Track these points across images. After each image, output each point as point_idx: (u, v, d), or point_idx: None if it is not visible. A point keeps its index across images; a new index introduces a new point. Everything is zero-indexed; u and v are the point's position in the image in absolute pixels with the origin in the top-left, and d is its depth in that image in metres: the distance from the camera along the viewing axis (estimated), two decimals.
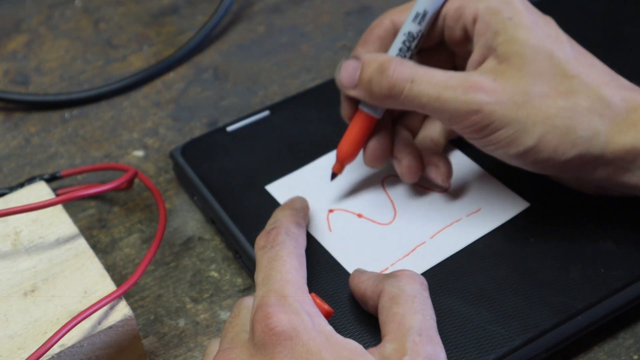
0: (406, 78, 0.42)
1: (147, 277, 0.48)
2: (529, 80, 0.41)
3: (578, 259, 0.44)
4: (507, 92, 0.41)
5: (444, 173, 0.47)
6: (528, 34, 0.42)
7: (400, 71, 0.42)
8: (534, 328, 0.41)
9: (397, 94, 0.43)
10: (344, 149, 0.47)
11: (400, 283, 0.39)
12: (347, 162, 0.47)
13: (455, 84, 0.42)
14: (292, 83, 0.60)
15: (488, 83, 0.41)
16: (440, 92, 0.42)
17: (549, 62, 0.42)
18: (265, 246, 0.41)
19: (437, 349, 0.37)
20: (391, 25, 0.46)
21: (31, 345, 0.39)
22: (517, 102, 0.41)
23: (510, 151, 0.42)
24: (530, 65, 0.41)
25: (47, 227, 0.45)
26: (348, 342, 0.36)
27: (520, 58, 0.42)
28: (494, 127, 0.41)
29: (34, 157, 0.55)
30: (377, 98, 0.44)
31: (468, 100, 0.41)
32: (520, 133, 0.41)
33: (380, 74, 0.43)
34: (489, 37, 0.43)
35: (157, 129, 0.57)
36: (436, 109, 0.42)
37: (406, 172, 0.47)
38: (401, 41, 0.45)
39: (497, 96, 0.41)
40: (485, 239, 0.46)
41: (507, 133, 0.41)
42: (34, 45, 0.64)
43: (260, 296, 0.38)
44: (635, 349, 0.44)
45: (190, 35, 0.63)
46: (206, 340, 0.45)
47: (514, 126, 0.41)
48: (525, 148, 0.41)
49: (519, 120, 0.41)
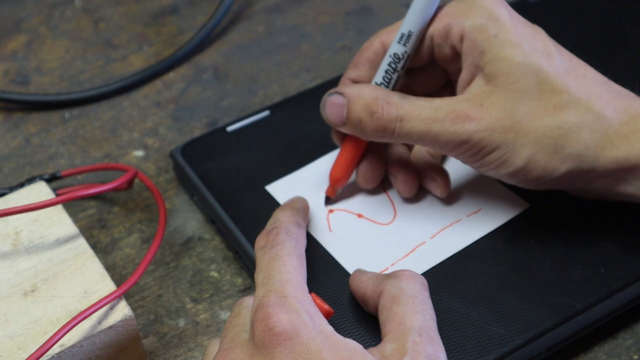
0: (394, 119, 0.43)
1: (147, 277, 0.48)
2: (516, 99, 0.42)
3: (578, 259, 0.44)
4: (494, 117, 0.42)
5: (442, 185, 0.47)
6: (514, 51, 0.42)
7: (388, 112, 0.43)
8: (534, 328, 0.41)
9: (389, 134, 0.43)
10: (335, 173, 0.47)
11: (400, 283, 0.39)
12: (339, 186, 0.48)
13: (442, 116, 0.42)
14: (292, 83, 0.60)
15: (475, 111, 0.42)
16: (429, 127, 0.42)
17: (536, 78, 0.42)
18: (265, 246, 0.41)
19: (438, 349, 0.37)
20: (380, 47, 0.47)
21: (31, 345, 0.39)
22: (504, 126, 0.41)
23: (500, 172, 0.43)
24: (517, 83, 0.42)
25: (47, 227, 0.45)
26: (348, 342, 0.36)
27: (507, 77, 0.42)
28: (485, 151, 0.42)
29: (34, 157, 0.55)
30: (369, 136, 0.44)
31: (457, 132, 0.42)
32: (510, 155, 0.42)
33: (370, 116, 0.43)
34: (476, 57, 0.43)
35: (157, 129, 0.57)
36: (427, 142, 0.43)
37: (402, 187, 0.47)
38: (387, 63, 0.45)
39: (484, 123, 0.42)
40: (485, 239, 0.46)
41: (497, 156, 0.42)
42: (34, 45, 0.64)
43: (260, 296, 0.38)
44: (635, 349, 0.44)
45: (190, 35, 0.63)
46: (206, 340, 0.45)
47: (503, 149, 0.42)
48: (515, 169, 0.42)
49: (507, 143, 0.41)
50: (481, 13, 0.43)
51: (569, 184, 0.43)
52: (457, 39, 0.44)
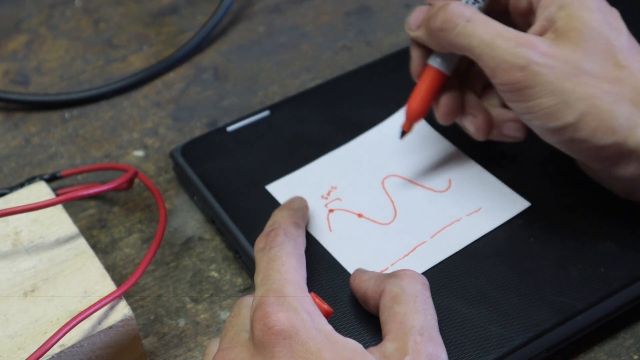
0: (463, 15, 0.43)
1: (147, 277, 0.48)
2: (582, 56, 0.41)
3: (578, 259, 0.44)
4: (558, 59, 0.41)
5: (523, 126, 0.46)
6: (591, 15, 0.42)
7: (459, 8, 0.43)
8: (534, 328, 0.41)
9: (450, 28, 0.43)
10: (413, 105, 0.46)
11: (402, 283, 0.39)
12: (416, 119, 0.47)
13: (510, 35, 0.42)
14: (292, 83, 0.60)
15: (542, 46, 0.41)
16: (493, 38, 0.42)
17: (605, 46, 0.42)
18: (264, 248, 0.41)
19: (439, 348, 0.37)
20: None
21: (31, 345, 0.39)
22: (565, 72, 0.41)
23: (548, 124, 0.41)
24: (587, 43, 0.41)
25: (47, 227, 0.45)
26: (348, 342, 0.36)
27: (579, 35, 0.42)
28: (537, 92, 0.41)
29: (34, 157, 0.55)
30: (432, 32, 0.44)
31: (518, 54, 0.41)
32: (563, 105, 0.41)
33: (442, 9, 0.43)
34: (553, 10, 0.43)
35: (157, 129, 0.57)
36: (484, 54, 0.42)
37: (483, 127, 0.46)
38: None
39: (547, 59, 0.41)
40: (486, 238, 0.46)
41: (548, 103, 0.41)
42: (34, 45, 0.64)
43: (260, 296, 0.38)
44: (635, 349, 0.44)
45: (190, 35, 0.63)
46: (206, 340, 0.45)
47: (557, 97, 0.41)
48: (565, 123, 0.41)
49: (563, 92, 0.41)
50: None
51: (605, 162, 0.42)
52: None
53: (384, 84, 0.55)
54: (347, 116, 0.53)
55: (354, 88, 0.55)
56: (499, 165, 0.49)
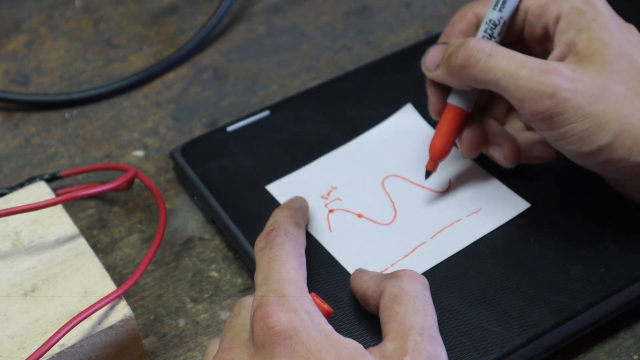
0: (484, 50, 0.42)
1: (147, 277, 0.48)
2: (607, 78, 0.41)
3: (578, 259, 0.44)
4: (585, 83, 0.40)
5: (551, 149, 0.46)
6: (611, 35, 0.42)
7: (480, 43, 0.42)
8: (534, 328, 0.41)
9: (473, 64, 0.42)
10: (437, 146, 0.46)
11: (402, 283, 0.39)
12: (441, 159, 0.47)
13: (534, 64, 0.41)
14: (292, 83, 0.60)
15: (567, 71, 0.41)
16: (517, 68, 0.41)
17: (629, 64, 0.41)
18: (264, 247, 0.41)
19: (438, 349, 0.37)
20: (474, 18, 0.46)
21: (31, 345, 0.39)
22: (594, 95, 0.40)
23: (582, 148, 0.41)
24: (611, 65, 0.41)
25: (47, 227, 0.45)
26: (348, 342, 0.36)
27: (601, 57, 0.41)
28: (567, 118, 0.40)
29: (34, 157, 0.55)
30: (454, 70, 0.43)
31: (544, 82, 0.40)
32: (595, 128, 0.40)
33: (461, 46, 0.43)
34: (572, 35, 0.42)
35: (157, 129, 0.57)
36: (510, 86, 0.41)
37: (510, 155, 0.46)
38: (483, 30, 0.45)
39: (574, 85, 0.40)
40: (486, 239, 0.46)
41: (581, 127, 0.40)
42: (34, 45, 0.64)
43: (260, 296, 0.38)
44: (635, 349, 0.44)
45: (190, 35, 0.63)
46: (206, 340, 0.45)
47: (589, 120, 0.40)
48: (599, 145, 0.40)
49: (594, 115, 0.40)
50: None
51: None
52: (552, 19, 0.43)
53: (384, 84, 0.55)
54: (347, 116, 0.53)
55: (354, 88, 0.55)
56: (499, 166, 0.49)
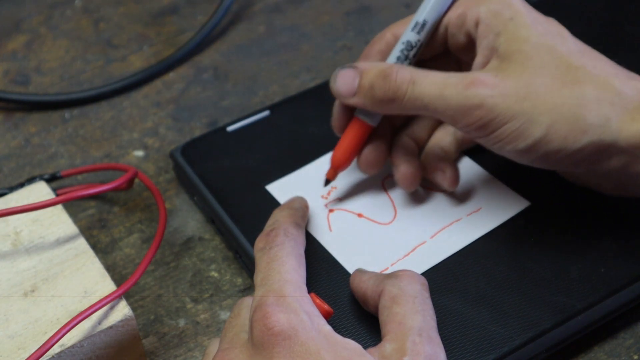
0: (408, 80, 0.42)
1: (147, 277, 0.48)
2: (532, 74, 0.41)
3: (578, 259, 0.44)
4: (509, 85, 0.41)
5: (450, 178, 0.47)
6: (529, 31, 0.42)
7: (402, 74, 0.42)
8: (534, 328, 0.41)
9: (400, 97, 0.42)
10: (338, 156, 0.47)
11: (401, 283, 0.39)
12: (340, 169, 0.47)
13: (455, 81, 0.42)
14: (292, 83, 0.60)
15: (489, 78, 0.41)
16: (441, 90, 0.42)
17: (551, 55, 0.42)
18: (264, 247, 0.41)
19: (437, 349, 0.37)
20: (392, 39, 0.46)
21: (31, 345, 0.39)
22: (520, 95, 0.41)
23: (518, 145, 0.41)
24: (532, 60, 0.41)
25: (47, 227, 0.45)
26: (347, 342, 0.36)
27: (522, 55, 0.42)
28: (499, 121, 0.41)
29: (34, 157, 0.55)
30: (378, 103, 0.43)
31: (469, 95, 0.41)
32: (528, 124, 0.40)
33: (383, 79, 0.43)
34: (491, 39, 0.43)
35: (157, 129, 0.57)
36: (438, 108, 0.42)
37: (401, 178, 0.47)
38: (399, 50, 0.45)
39: (499, 89, 0.41)
40: (486, 238, 0.46)
41: (513, 127, 0.41)
42: (34, 45, 0.64)
43: (259, 296, 0.38)
44: (635, 349, 0.44)
45: (190, 35, 0.63)
46: (206, 340, 0.45)
47: (520, 119, 0.40)
48: (534, 140, 0.41)
49: (524, 112, 0.40)
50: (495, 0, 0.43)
51: (585, 164, 0.42)
52: (472, 25, 0.44)
53: None
54: None
55: None
56: (499, 165, 0.49)
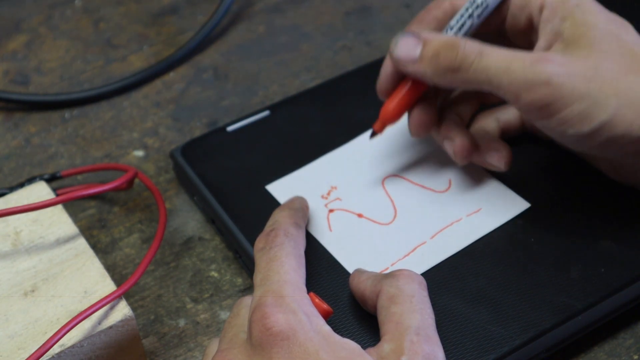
0: (475, 51, 0.42)
1: (147, 277, 0.48)
2: (598, 58, 0.41)
3: (578, 259, 0.44)
4: (577, 65, 0.41)
5: (505, 156, 0.46)
6: (595, 18, 0.42)
7: (470, 45, 0.42)
8: (534, 328, 0.41)
9: (466, 67, 0.42)
10: (389, 109, 0.46)
11: (398, 283, 0.39)
12: (389, 122, 0.46)
13: (523, 56, 0.41)
14: (292, 83, 0.60)
15: (557, 57, 0.41)
16: (508, 63, 0.41)
17: (617, 43, 0.42)
18: (264, 247, 0.41)
19: (435, 348, 0.37)
20: (450, 7, 0.46)
21: (31, 345, 0.39)
22: (587, 75, 0.40)
23: (583, 129, 0.41)
24: (599, 45, 0.41)
25: (47, 227, 0.45)
26: (346, 342, 0.36)
27: (589, 40, 0.41)
28: (564, 102, 0.40)
29: (34, 157, 0.55)
30: (442, 72, 0.43)
31: (537, 71, 0.41)
32: (594, 107, 0.40)
33: (449, 48, 0.42)
34: (557, 23, 0.43)
35: (157, 129, 0.57)
36: (503, 82, 0.41)
37: (460, 150, 0.46)
38: (465, 7, 0.45)
39: (566, 68, 0.40)
40: (486, 239, 0.46)
41: (579, 108, 0.40)
42: (34, 45, 0.64)
43: (258, 296, 0.38)
44: (635, 349, 0.44)
45: (190, 35, 0.63)
46: (206, 340, 0.45)
47: (586, 100, 0.40)
48: (600, 123, 0.40)
49: (590, 94, 0.40)
50: None
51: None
52: (536, 9, 0.44)
53: None
54: (347, 116, 0.53)
55: (354, 88, 0.55)
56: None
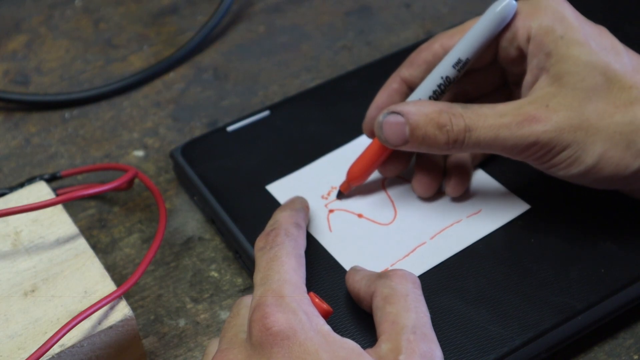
0: (464, 129, 0.42)
1: (147, 277, 0.48)
2: (584, 98, 0.41)
3: (578, 259, 0.44)
4: (561, 116, 0.41)
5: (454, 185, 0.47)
6: (580, 50, 0.42)
7: (457, 124, 0.42)
8: (534, 328, 0.41)
9: (457, 146, 0.43)
10: (355, 171, 0.47)
11: (392, 282, 0.39)
12: (355, 183, 0.48)
13: (508, 121, 0.42)
14: (292, 83, 0.60)
15: (541, 112, 0.41)
16: (496, 133, 0.42)
17: (604, 76, 0.41)
18: (264, 247, 0.41)
19: (432, 346, 0.37)
20: (440, 50, 0.46)
21: (31, 345, 0.39)
22: (573, 125, 0.41)
23: (571, 171, 0.42)
24: (584, 82, 0.41)
25: (47, 227, 0.45)
26: (345, 342, 0.36)
27: (573, 77, 0.41)
28: (554, 152, 0.42)
29: (34, 157, 0.55)
30: (436, 151, 0.44)
31: (524, 135, 0.41)
32: (580, 153, 0.41)
33: (439, 130, 0.43)
34: (542, 59, 0.43)
35: (157, 129, 0.57)
36: (496, 148, 0.43)
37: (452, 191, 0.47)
38: (437, 84, 0.45)
39: (552, 123, 0.41)
40: (486, 239, 0.46)
41: (567, 155, 0.41)
42: (34, 45, 0.64)
43: (258, 296, 0.38)
44: (635, 349, 0.44)
45: (190, 35, 0.63)
46: (206, 340, 0.45)
47: (573, 147, 0.41)
48: (587, 167, 0.41)
49: (577, 142, 0.41)
50: (548, 13, 0.43)
51: None
52: (523, 40, 0.44)
53: (383, 84, 0.55)
54: (347, 116, 0.53)
55: (354, 88, 0.55)
56: (499, 168, 0.49)
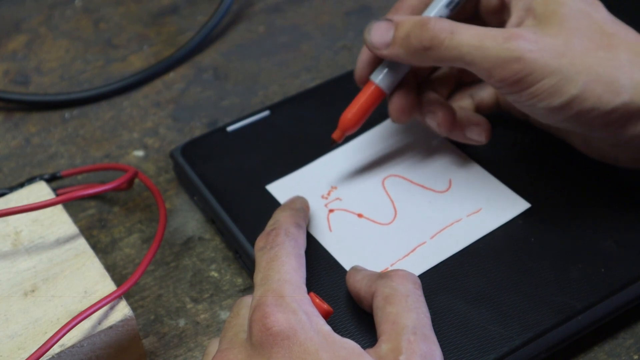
0: (447, 29, 0.42)
1: (147, 277, 0.48)
2: (569, 34, 0.42)
3: (578, 259, 0.44)
4: (548, 41, 0.41)
5: (486, 129, 0.47)
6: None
7: (441, 24, 0.43)
8: (534, 328, 0.41)
9: (437, 45, 0.42)
10: (347, 117, 0.47)
11: (393, 283, 0.39)
12: (348, 131, 0.47)
13: (496, 34, 0.42)
14: (292, 83, 0.60)
15: (529, 33, 0.42)
16: (481, 40, 0.42)
17: (587, 20, 0.42)
18: (264, 247, 0.41)
19: (432, 346, 0.37)
20: None
21: (31, 345, 0.39)
22: (558, 51, 0.41)
23: (553, 102, 0.42)
24: (569, 22, 0.42)
25: (47, 227, 0.45)
26: (346, 342, 0.36)
27: (559, 16, 0.42)
28: (536, 77, 0.41)
29: (34, 157, 0.55)
30: (414, 52, 0.43)
31: (510, 48, 0.41)
32: (564, 82, 0.41)
33: (420, 28, 0.43)
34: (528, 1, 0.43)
35: (157, 129, 0.57)
36: (475, 59, 0.42)
37: (443, 121, 0.47)
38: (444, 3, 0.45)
39: (538, 45, 0.41)
40: (486, 238, 0.46)
41: (550, 83, 0.41)
42: (34, 45, 0.64)
43: (258, 296, 0.38)
44: (635, 349, 0.44)
45: (190, 35, 0.63)
46: (206, 340, 0.45)
47: (557, 75, 0.41)
48: (570, 97, 0.41)
49: (561, 69, 0.41)
50: None
51: (614, 127, 0.42)
52: None
53: None
54: None
55: (354, 88, 0.55)
56: (499, 166, 0.49)
